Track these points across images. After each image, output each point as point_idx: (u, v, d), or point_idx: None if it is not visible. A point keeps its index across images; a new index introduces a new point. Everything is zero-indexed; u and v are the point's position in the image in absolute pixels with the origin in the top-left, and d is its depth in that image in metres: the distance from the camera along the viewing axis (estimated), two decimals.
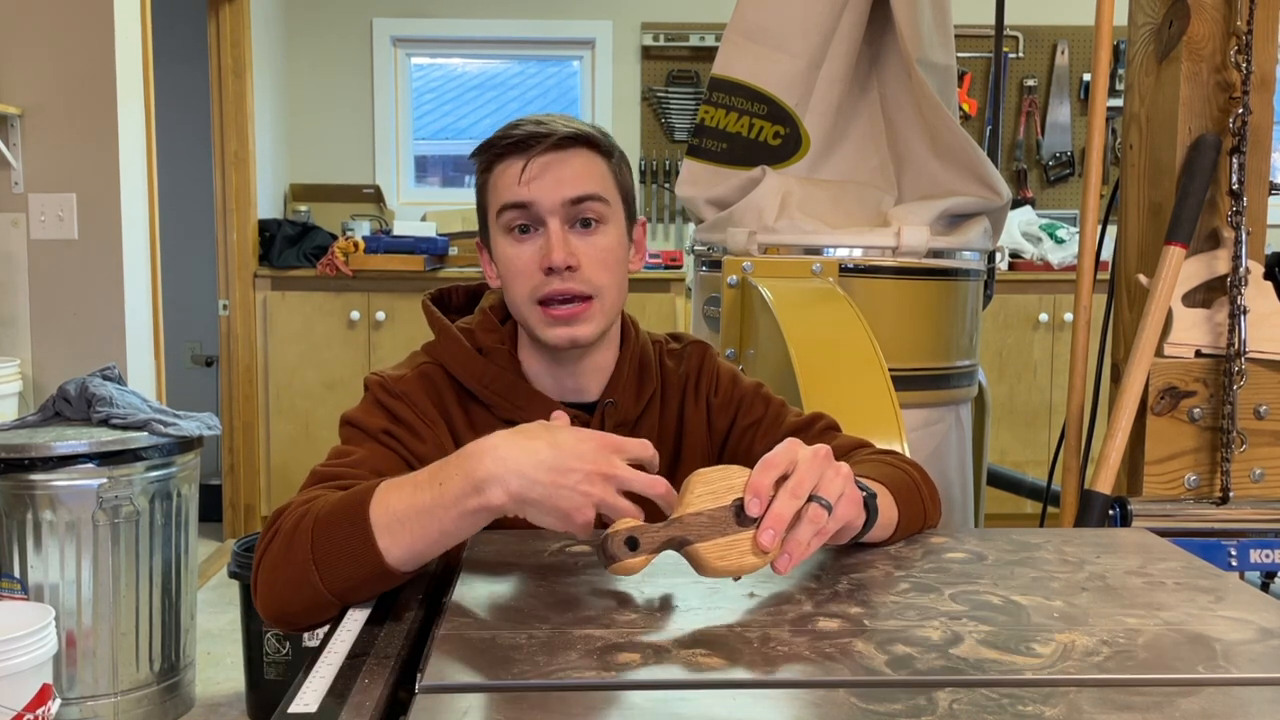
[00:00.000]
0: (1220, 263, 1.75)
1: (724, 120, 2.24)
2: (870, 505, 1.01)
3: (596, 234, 1.17)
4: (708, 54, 4.42)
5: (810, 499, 0.92)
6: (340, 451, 1.14)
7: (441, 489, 0.92)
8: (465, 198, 4.77)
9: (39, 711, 2.19)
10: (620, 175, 1.22)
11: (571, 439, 0.92)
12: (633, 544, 0.88)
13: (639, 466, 0.95)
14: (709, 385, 1.30)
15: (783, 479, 0.92)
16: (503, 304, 1.26)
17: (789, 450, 0.93)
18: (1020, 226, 4.24)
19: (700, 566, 0.90)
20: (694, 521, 0.89)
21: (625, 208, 1.22)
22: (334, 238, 4.22)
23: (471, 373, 1.21)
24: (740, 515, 0.90)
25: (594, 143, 1.18)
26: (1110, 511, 1.68)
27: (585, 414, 1.21)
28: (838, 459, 0.98)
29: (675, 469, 1.26)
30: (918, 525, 1.13)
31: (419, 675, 0.76)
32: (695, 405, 1.29)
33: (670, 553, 0.90)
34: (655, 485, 0.93)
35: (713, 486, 0.91)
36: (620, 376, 1.24)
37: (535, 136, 1.15)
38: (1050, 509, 2.26)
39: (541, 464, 0.90)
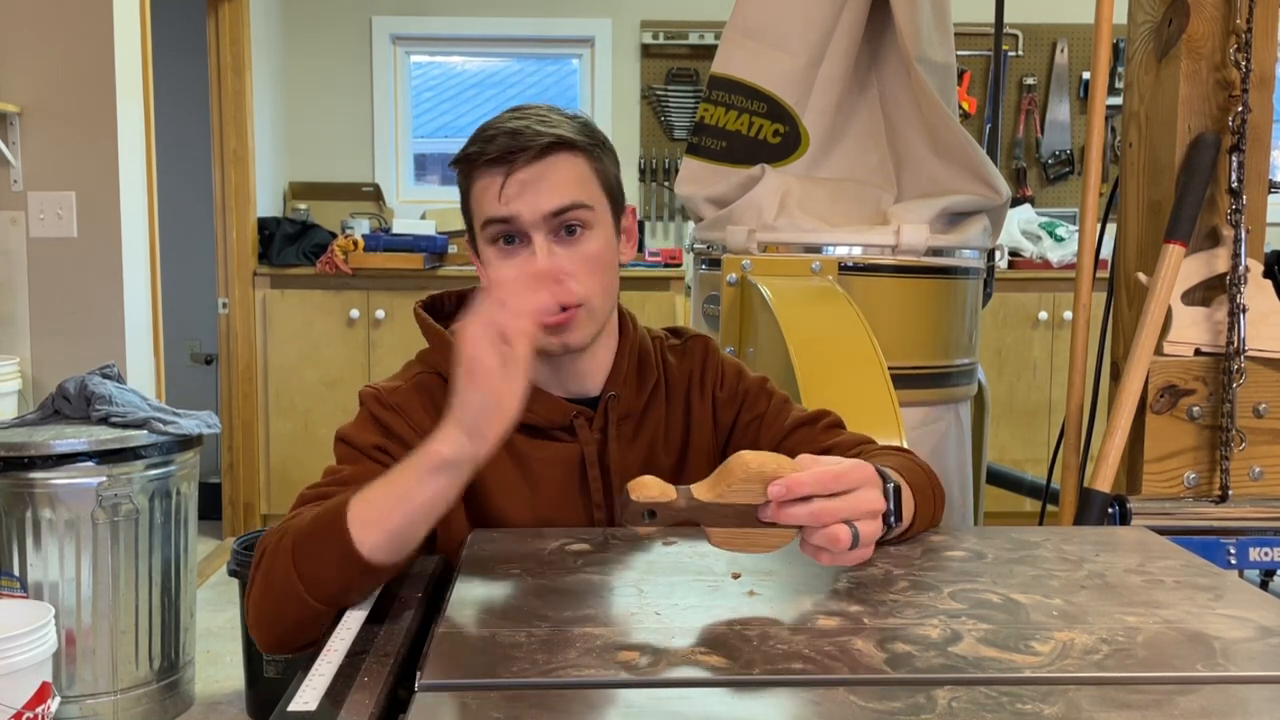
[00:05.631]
0: (1219, 261, 1.75)
1: (723, 118, 2.23)
2: (896, 500, 1.00)
3: (581, 241, 1.15)
4: (707, 52, 4.42)
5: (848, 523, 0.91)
6: (331, 470, 1.15)
7: (403, 468, 0.96)
8: None
9: (38, 710, 2.19)
10: (603, 170, 1.19)
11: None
12: (650, 515, 0.88)
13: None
14: (714, 379, 1.29)
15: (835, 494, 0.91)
16: None
17: (838, 480, 0.91)
18: (1020, 225, 4.25)
19: (710, 539, 0.92)
20: (717, 510, 0.90)
21: (611, 203, 1.20)
22: (333, 236, 4.22)
23: None
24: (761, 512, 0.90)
25: (573, 145, 1.15)
26: (1109, 510, 1.68)
27: (589, 408, 1.21)
28: (842, 456, 0.98)
29: (683, 464, 1.26)
30: (926, 524, 1.12)
31: (418, 674, 0.76)
32: (701, 400, 1.28)
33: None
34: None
35: (750, 484, 0.89)
36: (620, 370, 1.24)
37: (512, 151, 1.12)
38: (1049, 507, 2.26)
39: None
